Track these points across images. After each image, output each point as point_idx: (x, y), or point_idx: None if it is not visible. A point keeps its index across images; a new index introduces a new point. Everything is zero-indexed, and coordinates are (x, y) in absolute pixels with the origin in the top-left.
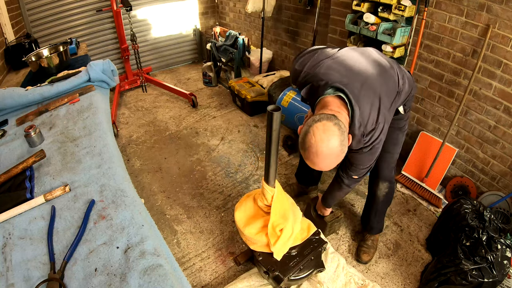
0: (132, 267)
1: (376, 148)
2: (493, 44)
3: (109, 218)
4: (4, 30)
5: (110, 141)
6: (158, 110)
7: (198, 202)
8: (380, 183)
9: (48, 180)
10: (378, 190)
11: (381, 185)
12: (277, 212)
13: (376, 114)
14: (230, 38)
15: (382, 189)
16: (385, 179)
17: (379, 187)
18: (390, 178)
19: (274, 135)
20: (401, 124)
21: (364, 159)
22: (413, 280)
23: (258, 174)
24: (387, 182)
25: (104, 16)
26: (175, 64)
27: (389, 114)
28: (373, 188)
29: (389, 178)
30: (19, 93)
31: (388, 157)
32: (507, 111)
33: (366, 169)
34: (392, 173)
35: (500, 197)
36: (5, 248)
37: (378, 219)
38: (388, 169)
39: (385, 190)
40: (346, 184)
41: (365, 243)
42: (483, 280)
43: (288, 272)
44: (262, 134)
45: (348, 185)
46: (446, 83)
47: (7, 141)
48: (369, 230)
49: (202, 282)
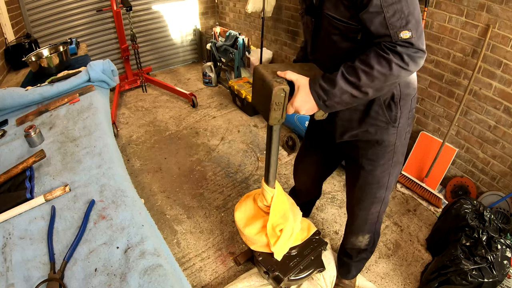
0: (132, 267)
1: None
2: (493, 44)
3: (109, 218)
4: (4, 30)
5: (110, 141)
6: (158, 110)
7: (198, 202)
8: (360, 236)
9: (48, 180)
10: (358, 242)
11: (361, 238)
12: (277, 212)
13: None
14: (230, 38)
15: (363, 241)
16: (366, 232)
17: (358, 239)
18: (373, 230)
19: (274, 135)
20: (384, 135)
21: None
22: (413, 280)
23: (258, 174)
24: (368, 234)
25: (104, 16)
26: (175, 64)
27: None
28: (349, 239)
29: (372, 230)
30: (19, 93)
31: (366, 203)
32: (507, 111)
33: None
34: (376, 225)
35: (500, 197)
36: (5, 248)
37: (357, 267)
38: (369, 221)
39: (366, 241)
40: (401, 64)
41: (342, 285)
42: (483, 280)
43: (288, 272)
44: (262, 134)
45: (404, 66)
46: (446, 83)
47: (7, 141)
48: (345, 275)
49: (202, 282)
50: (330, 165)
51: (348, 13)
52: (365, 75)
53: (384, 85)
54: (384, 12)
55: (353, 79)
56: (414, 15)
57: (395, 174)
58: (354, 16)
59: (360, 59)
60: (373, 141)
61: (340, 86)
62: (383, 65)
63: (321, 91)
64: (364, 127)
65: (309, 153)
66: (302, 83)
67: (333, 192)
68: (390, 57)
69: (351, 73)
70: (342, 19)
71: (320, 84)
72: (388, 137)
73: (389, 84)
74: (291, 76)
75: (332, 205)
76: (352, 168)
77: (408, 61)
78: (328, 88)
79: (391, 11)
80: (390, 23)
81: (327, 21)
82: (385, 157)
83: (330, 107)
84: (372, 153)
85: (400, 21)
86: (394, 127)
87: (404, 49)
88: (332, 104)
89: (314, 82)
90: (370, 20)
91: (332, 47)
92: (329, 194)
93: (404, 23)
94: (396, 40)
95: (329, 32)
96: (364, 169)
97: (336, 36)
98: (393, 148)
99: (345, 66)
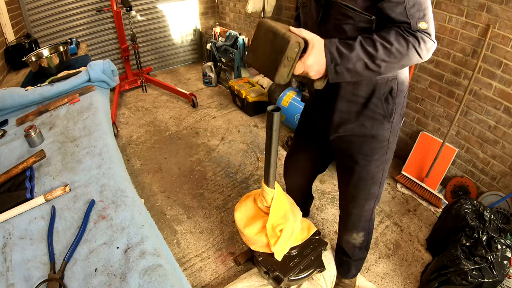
0: (132, 267)
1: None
2: (493, 44)
3: (109, 218)
4: (4, 30)
5: (110, 141)
6: (158, 110)
7: (198, 202)
8: (354, 234)
9: (48, 180)
10: (352, 239)
11: (355, 235)
12: (277, 213)
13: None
14: (230, 38)
15: (358, 239)
16: (360, 229)
17: (352, 237)
18: (367, 227)
19: (274, 135)
20: (379, 129)
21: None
22: (413, 280)
23: (258, 174)
24: (362, 232)
25: (104, 16)
26: (175, 64)
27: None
28: (344, 236)
29: (366, 227)
30: (19, 93)
31: (360, 199)
32: (507, 111)
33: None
34: (369, 222)
35: (500, 197)
36: (5, 248)
37: (356, 266)
38: (363, 218)
39: (361, 239)
40: (418, 50)
41: (343, 285)
42: (483, 280)
43: (288, 272)
44: (262, 134)
45: (419, 51)
46: (446, 83)
47: (7, 141)
48: (345, 275)
49: (202, 282)
50: (322, 163)
51: (365, 3)
52: (383, 48)
53: (396, 65)
54: (405, 2)
55: (371, 49)
56: (429, 9)
57: (387, 171)
58: (371, 7)
59: (380, 35)
60: (369, 136)
61: (357, 52)
62: (401, 44)
63: (336, 52)
64: (362, 120)
65: (301, 151)
66: (317, 42)
67: (333, 192)
68: (409, 38)
69: (369, 43)
70: (357, 9)
71: (337, 46)
72: (383, 132)
73: (400, 65)
74: (306, 34)
75: (332, 205)
76: (346, 165)
77: (423, 47)
78: (344, 51)
79: (411, 2)
80: (410, 13)
81: (337, 11)
82: (379, 152)
83: (339, 73)
84: (367, 148)
85: (418, 12)
86: (389, 122)
87: (422, 36)
88: (342, 71)
89: (331, 42)
90: (391, 8)
91: (340, 37)
92: (329, 194)
93: (422, 15)
94: (415, 28)
95: (340, 22)
96: (358, 164)
97: (348, 26)
98: (387, 143)
99: (363, 37)
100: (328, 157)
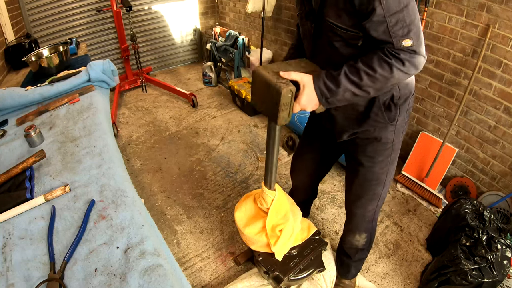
0: (132, 267)
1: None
2: (493, 44)
3: (109, 218)
4: (4, 30)
5: (110, 141)
6: (158, 110)
7: (198, 202)
8: (357, 235)
9: (48, 180)
10: (355, 241)
11: (358, 236)
12: (277, 214)
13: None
14: (230, 38)
15: (361, 240)
16: (363, 231)
17: (355, 238)
18: (370, 228)
19: (274, 135)
20: (383, 132)
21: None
22: (413, 280)
23: (258, 174)
24: (365, 233)
25: (104, 16)
26: (175, 64)
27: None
28: (347, 238)
29: (368, 229)
30: (19, 93)
31: (364, 200)
32: (507, 111)
33: (417, 26)
34: (373, 223)
35: (500, 197)
36: (5, 248)
37: (356, 266)
38: (366, 219)
39: (363, 241)
40: (401, 68)
41: (343, 285)
42: (483, 280)
43: (288, 272)
44: (262, 134)
45: (405, 70)
46: (446, 83)
47: (7, 141)
48: (345, 275)
49: (202, 282)
50: (328, 163)
51: (350, 21)
52: (367, 76)
53: (384, 86)
54: (387, 22)
55: (356, 79)
56: (415, 23)
57: (392, 171)
58: (356, 24)
59: (363, 61)
60: (372, 138)
61: (343, 85)
62: (385, 68)
63: (324, 88)
64: (364, 127)
65: (308, 151)
66: (307, 82)
67: (333, 192)
68: (392, 62)
69: (353, 73)
70: (344, 26)
71: (324, 82)
72: (386, 134)
73: (389, 85)
74: (295, 76)
75: (332, 205)
76: (352, 165)
77: (408, 66)
78: (332, 86)
79: (393, 20)
80: (392, 32)
81: (328, 28)
82: (383, 154)
83: (331, 103)
84: (371, 150)
85: (402, 30)
86: (392, 125)
87: (406, 56)
88: (333, 101)
89: (318, 79)
90: (373, 28)
91: (333, 52)
92: (329, 194)
93: (406, 31)
94: (399, 48)
95: (331, 38)
96: (363, 166)
97: (338, 43)
98: (391, 145)
99: (347, 66)
100: (334, 157)
